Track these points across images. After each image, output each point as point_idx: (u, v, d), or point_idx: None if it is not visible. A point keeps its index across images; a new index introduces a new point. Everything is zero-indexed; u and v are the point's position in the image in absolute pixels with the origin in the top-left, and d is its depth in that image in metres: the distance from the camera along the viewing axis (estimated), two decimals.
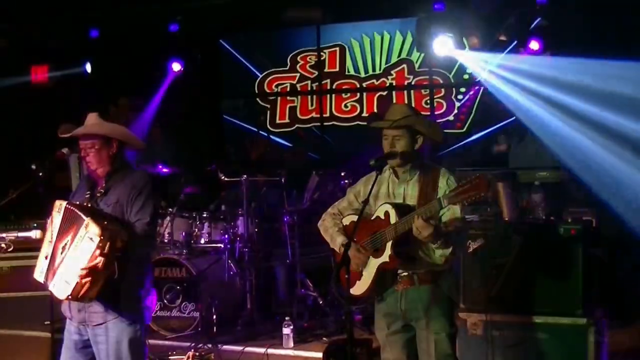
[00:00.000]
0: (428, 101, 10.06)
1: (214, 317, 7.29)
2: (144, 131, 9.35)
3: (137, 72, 9.61)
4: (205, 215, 8.09)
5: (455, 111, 9.94)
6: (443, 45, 8.25)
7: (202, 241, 8.03)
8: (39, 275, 4.60)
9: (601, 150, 7.07)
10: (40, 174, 5.57)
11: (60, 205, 4.55)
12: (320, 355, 6.54)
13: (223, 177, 8.02)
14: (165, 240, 7.97)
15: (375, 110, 10.18)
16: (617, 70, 6.94)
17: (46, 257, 4.55)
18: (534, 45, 8.09)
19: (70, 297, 4.42)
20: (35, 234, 4.84)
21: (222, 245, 7.71)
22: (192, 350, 6.90)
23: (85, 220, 4.33)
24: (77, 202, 4.63)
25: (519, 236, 5.85)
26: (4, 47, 9.27)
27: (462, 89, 9.93)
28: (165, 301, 7.47)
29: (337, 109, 10.56)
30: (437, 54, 8.47)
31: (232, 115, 10.98)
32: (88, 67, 9.44)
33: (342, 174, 7.83)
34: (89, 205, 4.64)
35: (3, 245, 4.99)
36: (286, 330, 6.89)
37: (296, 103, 10.75)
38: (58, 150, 5.56)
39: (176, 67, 9.86)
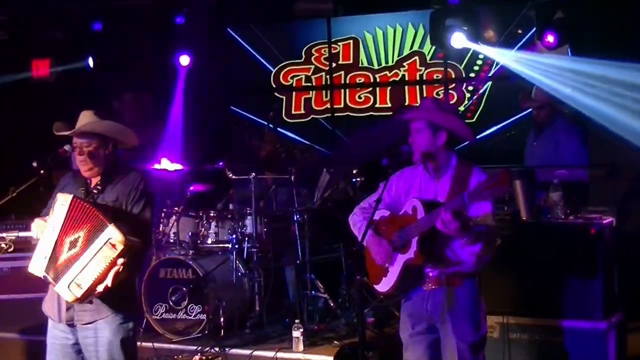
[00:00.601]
0: (439, 92, 10.07)
1: (222, 319, 7.17)
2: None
3: (141, 66, 9.51)
4: (212, 214, 7.95)
5: (466, 102, 9.94)
6: (459, 38, 8.11)
7: (209, 241, 7.88)
8: (38, 270, 4.48)
9: None
10: (42, 171, 5.47)
11: (65, 199, 4.46)
12: (331, 359, 6.46)
13: (231, 175, 7.91)
14: (171, 240, 7.85)
15: (389, 102, 10.26)
16: None
17: (45, 257, 4.44)
18: (550, 38, 7.95)
19: (79, 300, 4.36)
20: (36, 233, 4.70)
21: (230, 245, 7.55)
22: (199, 353, 6.81)
23: (108, 226, 4.27)
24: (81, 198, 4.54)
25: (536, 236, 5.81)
26: (4, 40, 9.21)
27: (473, 83, 9.91)
28: (171, 303, 7.34)
29: (351, 100, 10.61)
30: (453, 46, 8.33)
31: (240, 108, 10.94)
32: (90, 62, 9.35)
33: (354, 171, 7.74)
34: (90, 201, 4.56)
35: (3, 245, 4.89)
36: (296, 333, 6.77)
37: (311, 95, 10.82)
38: (60, 148, 5.47)
39: (184, 61, 9.78)
